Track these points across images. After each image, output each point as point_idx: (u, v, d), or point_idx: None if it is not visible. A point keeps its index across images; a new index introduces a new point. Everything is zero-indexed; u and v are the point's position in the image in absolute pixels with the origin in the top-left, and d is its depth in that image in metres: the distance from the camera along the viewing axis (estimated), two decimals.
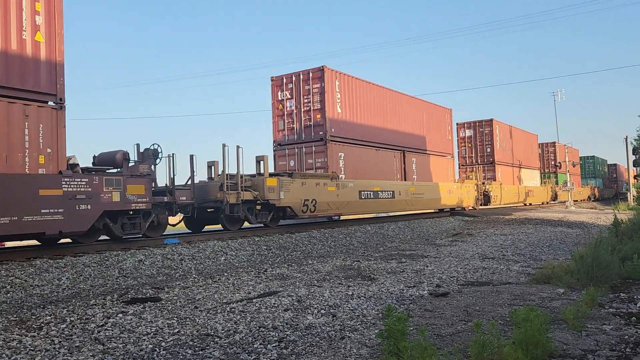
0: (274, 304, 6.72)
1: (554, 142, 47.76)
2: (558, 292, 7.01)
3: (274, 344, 4.97)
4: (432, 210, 25.98)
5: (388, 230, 17.94)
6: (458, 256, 11.83)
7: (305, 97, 18.39)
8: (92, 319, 6.00)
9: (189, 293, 7.62)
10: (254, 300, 6.99)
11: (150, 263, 10.11)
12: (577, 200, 46.33)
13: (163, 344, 5.04)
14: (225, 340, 5.14)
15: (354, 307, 6.50)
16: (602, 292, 6.57)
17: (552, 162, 47.14)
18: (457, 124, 33.79)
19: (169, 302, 6.94)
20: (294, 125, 18.61)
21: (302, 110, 18.41)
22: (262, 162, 15.31)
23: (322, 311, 6.30)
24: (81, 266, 9.28)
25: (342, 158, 18.41)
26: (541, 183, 43.41)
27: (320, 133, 17.87)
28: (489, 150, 33.40)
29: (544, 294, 6.92)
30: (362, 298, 7.04)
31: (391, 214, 24.08)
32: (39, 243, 11.28)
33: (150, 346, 4.95)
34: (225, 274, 9.46)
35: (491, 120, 33.57)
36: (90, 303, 6.93)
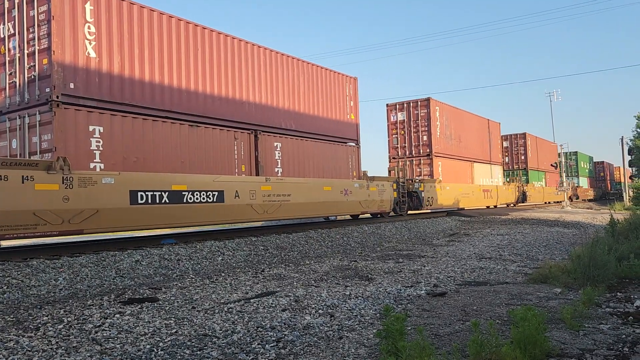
0: (272, 304, 6.72)
1: (524, 134, 39.92)
2: (555, 291, 7.03)
3: (272, 344, 4.96)
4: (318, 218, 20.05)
5: (385, 231, 17.95)
6: (455, 256, 11.85)
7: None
8: (90, 319, 5.98)
9: (187, 293, 7.61)
10: (252, 300, 6.98)
11: (147, 263, 10.09)
12: (549, 202, 42.31)
13: (161, 344, 5.03)
14: (223, 340, 5.13)
15: (351, 307, 6.50)
16: (599, 291, 6.59)
17: (522, 157, 40.79)
18: (387, 105, 27.54)
19: (167, 303, 6.93)
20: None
21: None
22: None
23: (320, 311, 6.30)
24: (78, 266, 9.25)
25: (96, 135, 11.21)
26: (505, 182, 37.44)
27: (47, 90, 10.65)
28: (425, 138, 26.41)
29: (541, 293, 6.94)
30: (359, 298, 7.04)
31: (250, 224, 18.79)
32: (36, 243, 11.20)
33: (148, 346, 4.94)
34: (223, 274, 9.45)
35: (428, 99, 26.40)
36: (87, 303, 6.91)
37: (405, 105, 27.02)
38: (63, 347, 4.94)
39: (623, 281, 7.84)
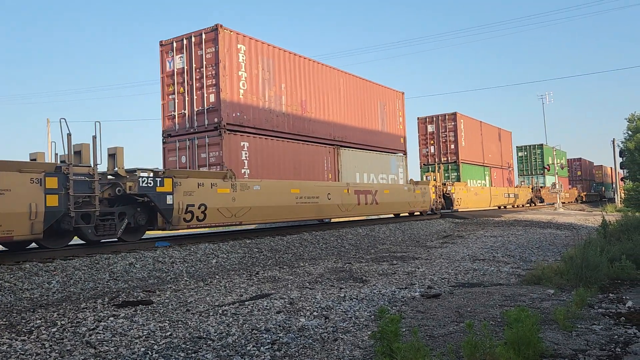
0: (267, 306, 6.72)
1: (455, 114, 30.81)
2: (548, 292, 7.07)
3: (267, 346, 4.97)
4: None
5: (379, 233, 17.99)
6: (449, 258, 11.89)
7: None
8: (83, 322, 5.95)
9: (181, 296, 7.59)
10: (246, 302, 6.98)
11: (141, 266, 10.05)
12: (499, 207, 35.62)
13: (155, 347, 5.02)
14: (217, 342, 5.13)
15: (346, 309, 6.51)
16: (591, 292, 6.64)
17: (452, 147, 32.12)
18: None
19: (161, 305, 6.91)
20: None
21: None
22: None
23: (315, 313, 6.31)
24: (71, 269, 9.21)
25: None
26: (409, 180, 31.65)
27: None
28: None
29: (535, 294, 6.98)
30: (354, 300, 7.05)
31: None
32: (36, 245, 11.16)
33: (143, 349, 4.93)
34: (217, 277, 9.44)
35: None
36: (81, 306, 6.88)
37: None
38: (57, 351, 4.92)
39: (615, 282, 7.90)
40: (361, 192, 18.96)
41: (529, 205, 41.14)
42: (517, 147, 46.20)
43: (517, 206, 38.33)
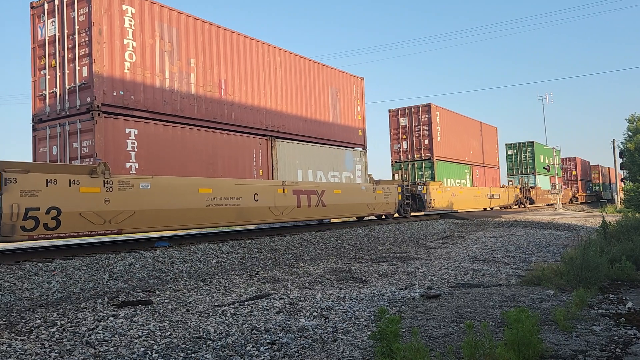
0: (266, 306, 6.72)
1: (429, 105, 27.21)
2: (548, 293, 7.07)
3: (267, 347, 4.96)
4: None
5: (379, 233, 17.98)
6: (449, 258, 11.89)
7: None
8: (83, 322, 5.95)
9: (181, 296, 7.59)
10: (246, 303, 6.97)
11: (140, 266, 10.05)
12: (485, 209, 33.49)
13: (155, 347, 5.01)
14: (217, 343, 5.13)
15: (346, 309, 6.51)
16: (591, 293, 6.64)
17: (426, 142, 28.03)
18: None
19: (161, 305, 6.91)
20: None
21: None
22: None
23: (315, 313, 6.30)
24: (71, 269, 9.20)
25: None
26: (369, 180, 28.24)
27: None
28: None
29: (534, 295, 6.98)
30: (354, 300, 7.05)
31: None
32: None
33: (142, 349, 4.93)
34: (217, 277, 9.43)
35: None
36: (80, 306, 6.87)
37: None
38: (56, 350, 4.91)
39: (615, 283, 7.91)
40: (302, 192, 16.10)
41: (517, 207, 38.50)
42: (506, 144, 44.11)
43: (504, 208, 35.96)
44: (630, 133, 44.05)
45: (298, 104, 17.22)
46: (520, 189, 39.45)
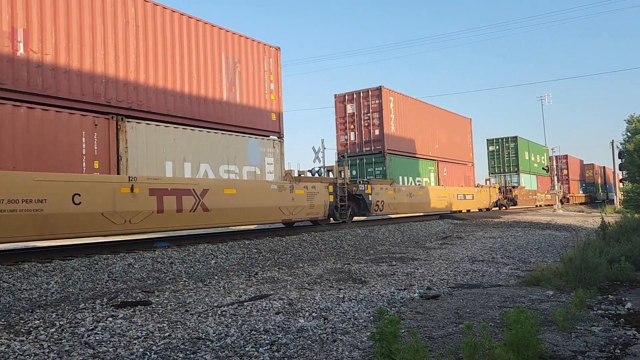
0: (265, 307, 6.71)
1: (379, 88, 23.00)
2: (547, 294, 7.07)
3: (266, 347, 4.96)
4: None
5: (378, 234, 17.99)
6: (448, 259, 11.89)
7: None
8: (82, 323, 5.94)
9: (180, 296, 7.58)
10: (245, 303, 6.97)
11: (140, 266, 10.04)
12: (460, 211, 29.15)
13: (154, 347, 5.01)
14: (216, 343, 5.12)
15: (345, 310, 6.50)
16: (590, 294, 6.64)
17: (377, 133, 23.26)
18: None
19: (160, 306, 6.90)
20: None
21: None
22: None
23: (314, 314, 6.30)
24: (70, 270, 9.20)
25: None
26: (282, 178, 23.34)
27: None
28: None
29: (534, 296, 6.98)
30: (353, 301, 7.05)
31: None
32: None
33: (141, 350, 4.92)
34: (216, 277, 9.43)
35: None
36: (79, 307, 6.87)
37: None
38: (55, 351, 4.91)
39: (614, 283, 7.91)
40: (167, 193, 11.82)
41: (497, 208, 34.95)
42: (487, 140, 40.58)
43: (481, 210, 32.01)
44: (629, 134, 44.08)
45: (168, 74, 12.75)
46: (499, 188, 35.72)
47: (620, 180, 52.46)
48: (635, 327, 5.21)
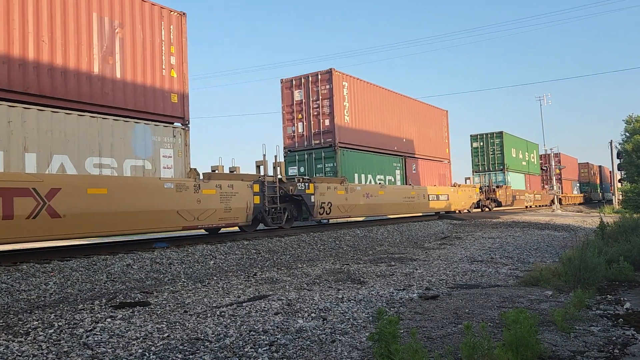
0: (264, 307, 6.71)
1: (330, 70, 19.64)
2: (546, 294, 7.08)
3: (265, 348, 4.95)
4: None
5: (377, 234, 17.99)
6: (447, 259, 11.89)
7: None
8: (81, 323, 5.93)
9: (179, 297, 7.57)
10: (244, 304, 6.96)
11: (138, 267, 10.03)
12: (436, 213, 26.40)
13: (153, 348, 5.00)
14: (215, 344, 5.12)
15: (344, 310, 6.50)
16: (589, 294, 6.64)
17: (327, 123, 19.16)
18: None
19: (158, 307, 6.90)
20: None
21: None
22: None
23: (313, 315, 6.29)
24: (69, 270, 9.18)
25: None
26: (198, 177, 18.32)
27: None
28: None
29: (533, 296, 6.98)
30: (352, 301, 7.04)
31: None
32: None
33: (140, 351, 4.91)
34: (215, 278, 9.42)
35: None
36: (78, 308, 6.85)
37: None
38: (54, 352, 4.90)
39: (613, 283, 7.92)
40: None
41: (479, 210, 32.08)
42: (471, 136, 37.76)
43: (457, 212, 28.51)
44: (627, 134, 44.12)
45: None
46: (480, 188, 32.46)
47: (619, 180, 52.53)
48: (634, 327, 5.21)
